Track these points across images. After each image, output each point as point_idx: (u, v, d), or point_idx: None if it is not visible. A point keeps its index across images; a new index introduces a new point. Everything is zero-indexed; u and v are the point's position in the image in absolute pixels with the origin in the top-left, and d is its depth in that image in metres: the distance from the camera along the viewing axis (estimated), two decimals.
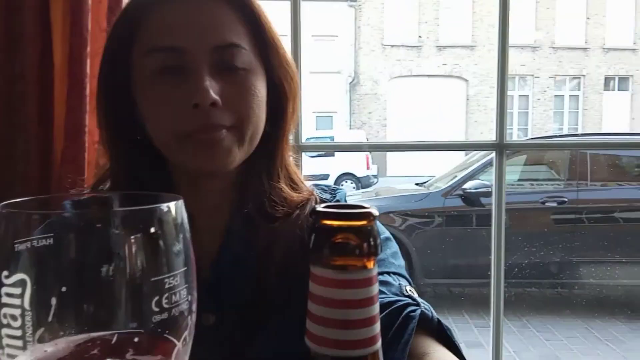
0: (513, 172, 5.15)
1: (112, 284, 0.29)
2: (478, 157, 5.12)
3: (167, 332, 0.31)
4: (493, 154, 1.78)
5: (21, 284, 0.29)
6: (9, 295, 0.29)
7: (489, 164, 4.58)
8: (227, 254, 0.72)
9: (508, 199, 1.91)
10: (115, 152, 0.73)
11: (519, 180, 5.37)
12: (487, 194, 4.53)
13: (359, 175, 10.97)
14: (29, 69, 1.33)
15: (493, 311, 1.77)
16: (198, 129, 0.66)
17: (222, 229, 0.74)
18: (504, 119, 1.64)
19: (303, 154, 1.35)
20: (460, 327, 4.04)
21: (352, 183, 10.76)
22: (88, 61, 1.32)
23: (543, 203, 4.84)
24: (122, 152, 0.73)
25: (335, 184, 0.89)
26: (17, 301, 0.28)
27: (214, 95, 0.63)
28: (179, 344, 0.32)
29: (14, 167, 1.34)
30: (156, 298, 0.30)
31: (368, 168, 11.21)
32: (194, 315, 0.33)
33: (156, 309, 0.30)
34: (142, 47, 0.67)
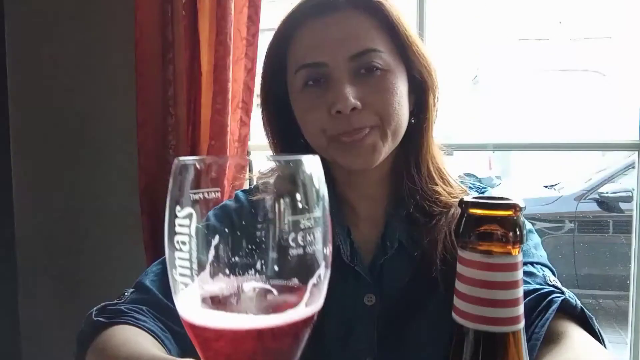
0: None
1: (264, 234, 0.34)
2: (617, 158, 4.69)
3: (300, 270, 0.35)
4: (635, 155, 1.65)
5: (189, 217, 0.35)
6: (180, 225, 0.35)
7: (630, 166, 4.18)
8: (391, 242, 0.78)
9: None
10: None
11: None
12: (628, 199, 4.13)
13: (480, 176, 10.54)
14: (179, 74, 1.49)
15: (631, 327, 1.64)
16: (343, 133, 0.73)
17: (381, 219, 0.81)
18: None
19: None
20: None
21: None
22: (231, 67, 1.44)
23: None
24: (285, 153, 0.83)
25: None
26: (185, 230, 0.35)
27: (353, 100, 0.71)
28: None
29: (166, 161, 1.51)
30: (292, 235, 0.34)
31: (490, 168, 10.73)
32: (327, 261, 0.36)
33: (292, 244, 0.34)
34: (292, 66, 0.77)
